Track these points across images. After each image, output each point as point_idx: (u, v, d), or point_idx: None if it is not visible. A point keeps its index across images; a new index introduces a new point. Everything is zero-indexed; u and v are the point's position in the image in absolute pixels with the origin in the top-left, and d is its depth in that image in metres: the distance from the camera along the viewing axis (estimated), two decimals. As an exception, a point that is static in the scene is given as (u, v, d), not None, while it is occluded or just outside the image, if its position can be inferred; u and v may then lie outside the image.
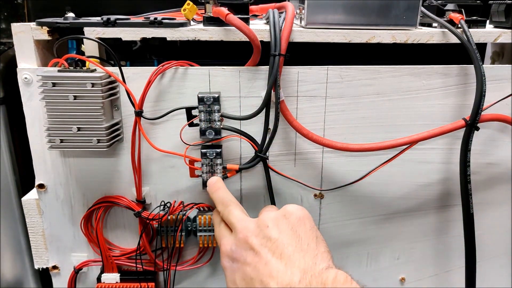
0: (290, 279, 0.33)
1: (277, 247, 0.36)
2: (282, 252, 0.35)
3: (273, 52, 0.45)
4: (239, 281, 0.37)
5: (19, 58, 0.47)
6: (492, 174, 0.55)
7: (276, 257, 0.35)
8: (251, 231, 0.38)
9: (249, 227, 0.39)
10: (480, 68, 0.46)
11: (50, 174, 0.50)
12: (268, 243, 0.36)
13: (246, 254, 0.37)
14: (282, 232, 0.37)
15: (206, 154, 0.48)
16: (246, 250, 0.37)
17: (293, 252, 0.35)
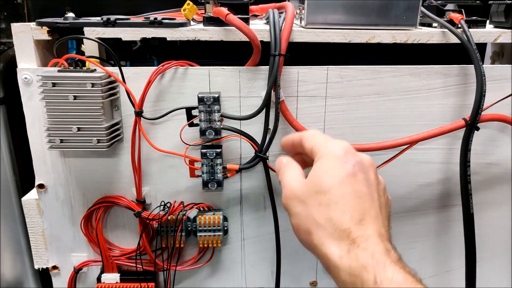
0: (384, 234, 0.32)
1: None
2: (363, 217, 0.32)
3: (273, 52, 0.45)
4: (354, 184, 0.33)
5: (19, 58, 0.47)
6: (492, 174, 0.55)
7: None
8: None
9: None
10: (480, 68, 0.46)
11: (50, 174, 0.50)
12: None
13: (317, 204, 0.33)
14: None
15: (206, 154, 0.48)
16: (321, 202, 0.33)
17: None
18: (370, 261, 0.29)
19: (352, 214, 0.31)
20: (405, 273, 0.29)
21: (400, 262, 0.30)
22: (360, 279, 0.29)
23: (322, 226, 0.32)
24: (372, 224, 0.32)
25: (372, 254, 0.30)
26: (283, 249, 0.53)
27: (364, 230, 0.31)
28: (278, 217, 0.52)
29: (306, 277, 0.57)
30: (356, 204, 0.32)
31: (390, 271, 0.29)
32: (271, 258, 0.55)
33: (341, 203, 0.32)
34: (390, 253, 0.31)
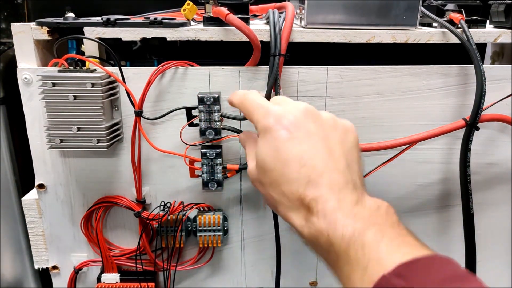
0: (344, 185, 0.31)
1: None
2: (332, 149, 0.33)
3: (273, 52, 0.45)
4: (284, 150, 0.33)
5: (19, 58, 0.47)
6: (492, 174, 0.55)
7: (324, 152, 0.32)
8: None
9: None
10: (480, 68, 0.46)
11: (50, 174, 0.50)
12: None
13: (305, 133, 0.33)
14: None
15: (206, 154, 0.48)
16: (307, 131, 0.33)
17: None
18: (323, 223, 0.30)
19: (298, 181, 0.32)
20: (356, 221, 0.29)
21: (359, 205, 0.30)
22: (319, 244, 0.30)
23: (280, 201, 0.33)
24: (323, 178, 0.31)
25: (324, 215, 0.30)
26: (283, 249, 0.53)
27: (314, 190, 0.31)
28: (278, 217, 0.52)
29: (306, 277, 0.57)
30: (300, 168, 0.32)
31: (340, 228, 0.29)
32: (271, 258, 0.55)
33: (286, 174, 0.32)
34: (345, 201, 0.30)
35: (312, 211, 0.30)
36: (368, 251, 0.27)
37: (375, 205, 0.30)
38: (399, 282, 0.25)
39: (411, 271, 0.25)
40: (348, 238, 0.28)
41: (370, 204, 0.30)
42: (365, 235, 0.28)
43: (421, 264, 0.26)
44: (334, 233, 0.29)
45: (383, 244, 0.27)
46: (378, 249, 0.27)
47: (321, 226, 0.30)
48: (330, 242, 0.29)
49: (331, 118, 0.36)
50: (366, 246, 0.27)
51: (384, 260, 0.26)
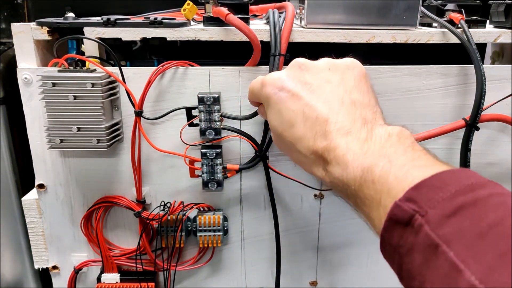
0: (351, 125, 0.31)
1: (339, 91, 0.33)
2: (343, 98, 0.33)
3: (273, 52, 0.45)
4: (286, 111, 0.33)
5: (19, 58, 0.47)
6: (492, 174, 0.55)
7: (337, 102, 0.33)
8: (308, 67, 0.35)
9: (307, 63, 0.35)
10: (480, 68, 0.46)
11: (50, 174, 0.50)
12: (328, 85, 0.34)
13: (300, 86, 0.34)
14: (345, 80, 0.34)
15: (206, 154, 0.48)
16: (302, 83, 0.34)
17: (356, 101, 0.33)
18: (338, 170, 0.30)
19: (306, 136, 0.33)
20: (366, 158, 0.29)
21: (369, 141, 0.30)
22: (340, 191, 0.31)
23: (300, 161, 0.34)
24: (329, 125, 0.32)
25: (337, 161, 0.30)
26: (283, 249, 0.53)
27: (323, 140, 0.32)
28: (278, 217, 0.52)
29: (306, 277, 0.57)
30: (304, 123, 0.33)
31: (351, 171, 0.29)
32: (271, 258, 0.55)
33: (295, 133, 0.33)
34: (353, 142, 0.30)
35: (327, 161, 0.31)
36: (378, 186, 0.27)
37: (385, 134, 0.30)
38: (410, 206, 0.24)
39: (421, 193, 0.25)
40: (360, 178, 0.29)
41: (380, 134, 0.30)
42: (374, 171, 0.28)
43: (430, 182, 0.25)
44: (347, 177, 0.29)
45: (392, 174, 0.27)
46: (387, 181, 0.27)
47: (337, 173, 0.30)
48: (346, 186, 0.30)
49: (327, 62, 0.36)
50: (376, 181, 0.28)
51: (394, 190, 0.26)
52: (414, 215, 0.24)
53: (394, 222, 0.25)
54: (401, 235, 0.25)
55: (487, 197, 0.23)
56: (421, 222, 0.23)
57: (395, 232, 0.25)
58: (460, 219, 0.22)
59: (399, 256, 0.25)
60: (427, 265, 0.23)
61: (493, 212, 0.22)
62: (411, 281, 0.24)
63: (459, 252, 0.21)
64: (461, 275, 0.21)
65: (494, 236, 0.21)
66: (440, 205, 0.23)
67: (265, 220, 0.54)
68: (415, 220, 0.24)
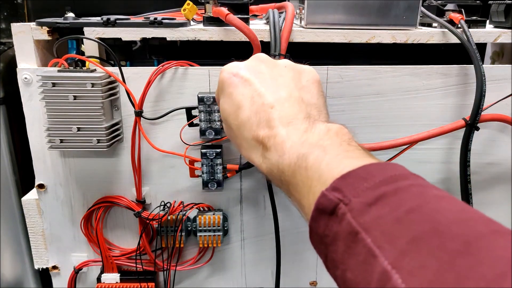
0: (294, 116, 0.32)
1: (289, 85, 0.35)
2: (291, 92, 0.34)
3: (273, 52, 0.45)
4: (236, 95, 0.35)
5: (19, 58, 0.47)
6: (492, 174, 0.55)
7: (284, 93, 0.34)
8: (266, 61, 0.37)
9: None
10: (480, 68, 0.46)
11: (50, 174, 0.50)
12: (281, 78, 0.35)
13: (254, 74, 0.36)
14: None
15: (206, 154, 0.48)
16: (256, 72, 0.36)
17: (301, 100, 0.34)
18: (275, 156, 0.31)
19: (251, 120, 0.33)
20: (302, 147, 0.30)
21: (309, 132, 0.31)
22: (274, 177, 0.32)
23: (241, 145, 0.35)
24: (273, 112, 0.33)
25: (275, 148, 0.31)
26: (283, 249, 0.53)
27: (266, 127, 0.33)
28: (278, 217, 0.52)
29: (306, 277, 0.57)
30: (251, 106, 0.34)
31: (287, 157, 0.30)
32: (271, 258, 0.55)
33: (240, 116, 0.34)
34: (294, 132, 0.31)
35: (266, 147, 0.32)
36: (310, 173, 0.28)
37: (325, 129, 0.31)
38: (336, 196, 0.25)
39: (347, 183, 0.25)
40: (294, 164, 0.29)
41: (320, 128, 0.31)
42: (308, 157, 0.29)
43: (357, 173, 0.25)
44: (283, 163, 0.30)
45: (325, 162, 0.28)
46: (319, 168, 0.28)
47: (274, 159, 0.31)
48: (281, 172, 0.30)
49: (286, 62, 0.38)
50: (309, 168, 0.28)
51: (324, 176, 0.27)
52: (338, 204, 0.24)
53: (321, 212, 0.26)
54: (326, 225, 0.25)
55: (408, 187, 0.24)
56: (344, 211, 0.24)
57: (321, 222, 0.26)
58: (380, 207, 0.23)
59: (325, 245, 0.25)
60: (348, 252, 0.23)
61: (411, 201, 0.23)
62: (335, 270, 0.25)
63: (376, 238, 0.22)
64: (376, 261, 0.21)
65: (409, 222, 0.21)
66: (364, 194, 0.24)
67: (265, 220, 0.54)
68: (339, 209, 0.24)
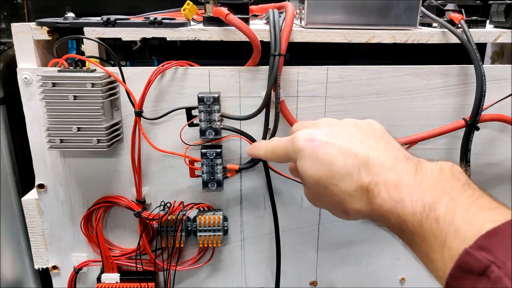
0: (394, 159, 0.31)
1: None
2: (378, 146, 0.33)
3: (273, 52, 0.45)
4: (323, 155, 0.33)
5: (19, 58, 0.47)
6: (492, 174, 0.55)
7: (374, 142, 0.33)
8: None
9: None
10: (480, 68, 0.46)
11: (50, 174, 0.50)
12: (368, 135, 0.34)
13: (332, 135, 0.34)
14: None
15: (206, 154, 0.48)
16: (333, 133, 0.34)
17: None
18: (389, 202, 0.29)
19: (350, 172, 0.32)
20: (424, 193, 0.28)
21: (420, 173, 0.29)
22: (391, 224, 0.30)
23: (343, 200, 0.32)
24: (372, 159, 0.31)
25: (388, 193, 0.29)
26: (283, 249, 0.53)
27: (369, 173, 0.31)
28: (278, 217, 0.52)
29: (306, 277, 0.57)
30: (345, 161, 0.32)
31: (409, 205, 0.28)
32: (271, 258, 0.55)
33: (335, 173, 0.32)
34: (403, 172, 0.30)
35: (374, 194, 0.30)
36: (443, 225, 0.26)
37: (437, 168, 0.29)
38: (484, 256, 0.23)
39: (495, 242, 0.23)
40: (420, 214, 0.27)
41: (432, 168, 0.29)
42: (437, 208, 0.27)
43: (503, 231, 0.23)
44: (404, 211, 0.28)
45: (459, 214, 0.26)
46: (453, 221, 0.26)
47: (388, 205, 0.29)
48: (401, 220, 0.29)
49: (351, 119, 0.37)
50: (441, 220, 0.26)
51: (463, 232, 0.25)
52: (489, 266, 0.23)
53: (465, 271, 0.24)
54: (473, 285, 0.23)
55: None
56: (499, 274, 0.22)
57: (466, 281, 0.24)
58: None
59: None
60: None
61: None
62: None
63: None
64: None
65: None
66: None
67: (265, 220, 0.54)
68: (492, 272, 0.22)
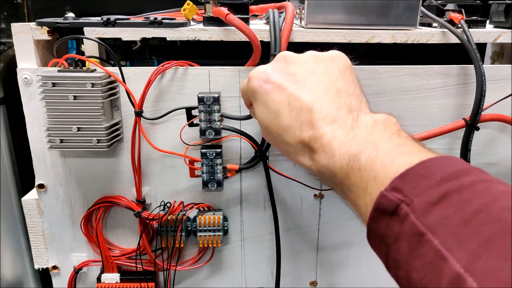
0: (336, 113, 0.32)
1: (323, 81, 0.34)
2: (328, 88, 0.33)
3: (273, 52, 0.45)
4: (271, 102, 0.34)
5: (19, 58, 0.47)
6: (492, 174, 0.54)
7: (322, 90, 0.33)
8: (293, 59, 0.36)
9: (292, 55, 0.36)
10: (480, 68, 0.46)
11: (50, 174, 0.50)
12: (312, 75, 0.34)
13: (285, 77, 0.35)
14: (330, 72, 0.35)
15: (206, 154, 0.48)
16: (286, 74, 0.35)
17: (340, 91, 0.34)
18: (324, 158, 0.31)
19: (293, 126, 0.33)
20: (352, 146, 0.29)
21: (355, 129, 0.30)
22: (327, 179, 0.31)
23: (287, 151, 0.35)
24: (314, 114, 0.32)
25: (324, 150, 0.31)
26: (283, 249, 0.53)
27: (309, 129, 0.32)
28: (278, 217, 0.52)
29: (306, 277, 0.57)
30: (290, 113, 0.33)
31: (338, 159, 0.30)
32: (271, 258, 0.55)
33: (281, 124, 0.34)
34: (339, 130, 0.31)
35: (313, 149, 0.32)
36: (364, 173, 0.28)
37: (371, 122, 0.30)
38: (396, 196, 0.24)
39: (406, 182, 0.25)
40: (346, 166, 0.29)
41: (366, 121, 0.31)
42: (360, 158, 0.28)
43: (415, 171, 0.25)
44: (334, 166, 0.30)
45: (378, 161, 0.27)
46: (373, 168, 0.27)
47: (324, 161, 0.31)
48: (333, 174, 0.30)
49: (311, 54, 0.36)
50: (362, 169, 0.28)
51: (380, 177, 0.26)
52: (399, 204, 0.24)
53: (380, 212, 0.25)
54: (387, 225, 0.25)
55: (472, 184, 0.23)
56: (407, 211, 0.24)
57: (381, 222, 0.25)
58: (445, 206, 0.23)
59: (385, 245, 0.25)
60: (413, 253, 0.23)
61: (477, 199, 0.22)
62: (397, 270, 0.24)
63: (444, 240, 0.21)
64: (446, 263, 0.21)
65: (478, 223, 0.21)
66: (425, 193, 0.23)
67: (265, 220, 0.54)
68: (401, 209, 0.24)
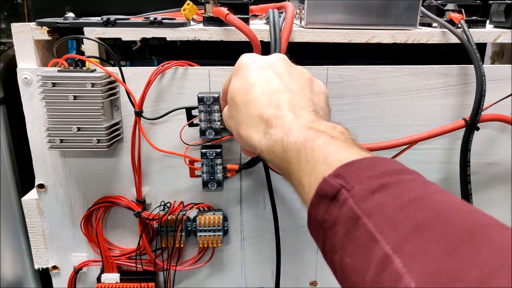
0: (303, 106, 0.33)
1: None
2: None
3: (273, 52, 0.45)
4: (252, 76, 0.36)
5: (19, 58, 0.47)
6: (492, 174, 0.55)
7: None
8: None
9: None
10: (480, 68, 0.46)
11: (50, 174, 0.50)
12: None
13: (274, 68, 0.37)
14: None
15: (206, 154, 0.48)
16: (276, 66, 0.37)
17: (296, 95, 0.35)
18: (280, 133, 0.32)
19: (261, 99, 0.34)
20: (309, 130, 0.30)
21: (316, 123, 0.32)
22: (274, 153, 0.32)
23: (243, 122, 0.35)
24: (284, 97, 0.34)
25: (282, 126, 0.32)
26: (283, 249, 0.53)
27: (274, 108, 0.33)
28: (278, 217, 0.52)
29: (306, 277, 0.57)
30: (264, 87, 0.35)
31: (293, 136, 0.31)
32: (271, 258, 0.55)
33: (251, 94, 0.35)
34: (302, 118, 0.32)
35: (271, 124, 0.33)
36: (316, 153, 0.28)
37: (331, 125, 0.32)
38: (338, 182, 0.25)
39: (351, 171, 0.25)
40: (300, 143, 0.30)
41: (326, 124, 0.32)
42: (316, 140, 0.29)
43: (361, 163, 0.26)
44: (288, 141, 0.31)
45: (332, 146, 0.28)
46: (326, 151, 0.28)
47: (278, 135, 0.32)
48: (284, 149, 0.31)
49: (302, 68, 0.39)
50: (315, 149, 0.29)
51: (330, 159, 0.27)
52: (340, 190, 0.25)
53: (321, 197, 0.26)
54: (326, 210, 0.25)
55: (411, 180, 0.24)
56: (346, 196, 0.24)
57: (321, 207, 0.26)
58: (384, 195, 0.23)
59: (323, 231, 0.26)
60: (347, 237, 0.23)
61: (415, 191, 0.23)
62: (333, 255, 0.25)
63: (378, 223, 0.22)
64: (377, 245, 0.21)
65: (412, 210, 0.22)
66: (367, 181, 0.24)
67: (265, 220, 0.54)
68: (341, 195, 0.24)
